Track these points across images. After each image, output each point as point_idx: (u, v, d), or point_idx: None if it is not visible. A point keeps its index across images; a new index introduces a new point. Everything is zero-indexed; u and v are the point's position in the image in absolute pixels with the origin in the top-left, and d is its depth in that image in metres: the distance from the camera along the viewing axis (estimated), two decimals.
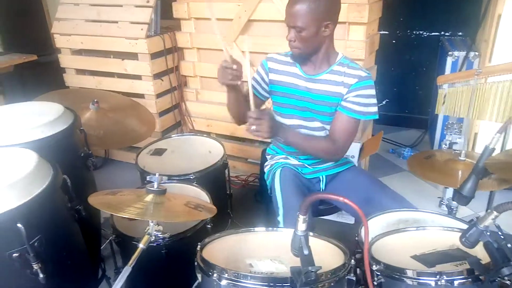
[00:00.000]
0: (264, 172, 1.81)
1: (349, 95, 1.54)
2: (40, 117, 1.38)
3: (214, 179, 1.96)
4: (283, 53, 1.67)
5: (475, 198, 1.41)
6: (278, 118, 1.66)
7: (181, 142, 2.23)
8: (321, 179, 1.74)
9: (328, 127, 1.63)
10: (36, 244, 1.04)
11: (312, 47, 1.52)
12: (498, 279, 1.00)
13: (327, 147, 1.58)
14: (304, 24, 1.44)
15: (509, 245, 2.05)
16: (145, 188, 1.22)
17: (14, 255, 1.01)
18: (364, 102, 1.54)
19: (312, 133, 1.65)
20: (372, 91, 1.55)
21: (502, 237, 2.01)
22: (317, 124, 1.64)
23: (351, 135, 1.59)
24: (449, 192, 2.31)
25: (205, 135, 2.34)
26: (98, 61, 2.94)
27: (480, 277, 1.01)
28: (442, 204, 2.30)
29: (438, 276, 1.03)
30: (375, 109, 1.56)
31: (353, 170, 1.76)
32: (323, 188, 1.74)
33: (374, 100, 1.56)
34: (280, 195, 1.59)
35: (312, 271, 0.88)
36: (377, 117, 1.58)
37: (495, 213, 0.92)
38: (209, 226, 1.57)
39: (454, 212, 1.92)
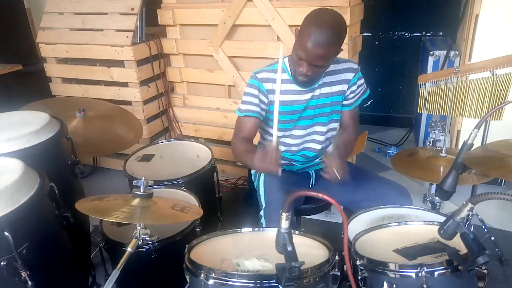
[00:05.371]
0: (252, 175, 1.84)
1: (349, 90, 1.65)
2: (26, 126, 1.38)
3: (203, 183, 1.97)
4: (267, 68, 1.62)
5: (459, 193, 1.44)
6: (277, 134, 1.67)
7: (169, 148, 2.24)
8: (311, 174, 1.77)
9: (324, 128, 1.67)
10: (24, 251, 1.04)
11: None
12: (476, 268, 1.04)
13: (354, 138, 1.75)
14: (325, 62, 1.45)
15: (492, 238, 2.10)
16: (132, 193, 1.23)
17: (2, 263, 1.01)
18: (361, 91, 1.69)
19: (312, 137, 1.69)
20: (363, 80, 1.70)
21: (485, 230, 2.06)
22: (316, 128, 1.68)
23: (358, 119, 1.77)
24: (434, 189, 2.35)
25: (193, 140, 2.35)
26: (84, 69, 2.94)
27: (459, 267, 1.04)
28: (426, 200, 2.35)
29: (419, 268, 1.06)
30: (367, 90, 1.72)
31: None
32: (313, 184, 1.77)
33: (365, 85, 1.71)
34: (263, 191, 1.63)
35: (296, 267, 0.91)
36: (368, 93, 1.73)
37: (470, 204, 0.96)
38: (198, 229, 1.58)
39: (437, 207, 1.96)
